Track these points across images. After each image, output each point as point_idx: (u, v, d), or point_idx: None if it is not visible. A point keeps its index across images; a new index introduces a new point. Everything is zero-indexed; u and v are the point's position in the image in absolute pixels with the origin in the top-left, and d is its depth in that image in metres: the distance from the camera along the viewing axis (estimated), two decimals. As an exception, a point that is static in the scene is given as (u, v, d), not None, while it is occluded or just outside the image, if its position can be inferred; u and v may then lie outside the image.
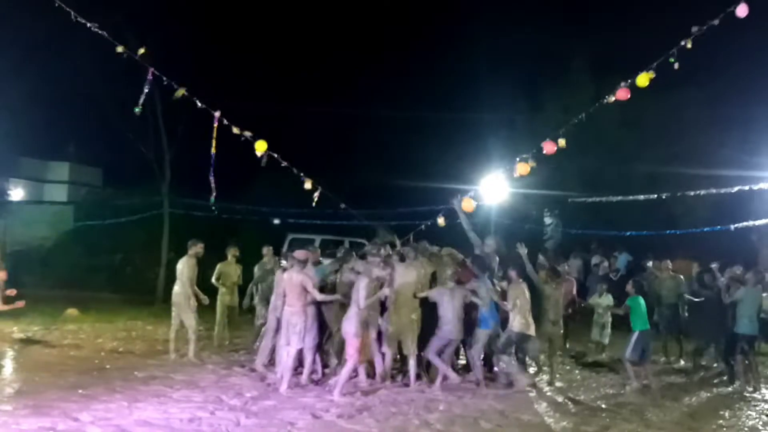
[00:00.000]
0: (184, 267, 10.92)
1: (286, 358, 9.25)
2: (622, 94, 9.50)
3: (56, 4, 8.82)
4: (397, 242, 11.08)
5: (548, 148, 10.18)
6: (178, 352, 10.99)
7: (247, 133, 10.41)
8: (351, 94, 31.60)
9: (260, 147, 10.37)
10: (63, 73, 20.33)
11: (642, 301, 10.70)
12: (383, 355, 9.73)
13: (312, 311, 9.33)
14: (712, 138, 21.54)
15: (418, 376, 9.66)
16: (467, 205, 11.02)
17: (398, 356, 10.03)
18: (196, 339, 10.97)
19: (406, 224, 18.89)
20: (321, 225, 21.27)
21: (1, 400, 8.33)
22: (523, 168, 10.51)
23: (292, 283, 9.16)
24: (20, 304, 10.31)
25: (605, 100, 9.78)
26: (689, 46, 8.91)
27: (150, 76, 9.94)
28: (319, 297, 9.24)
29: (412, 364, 9.55)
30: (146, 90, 10.02)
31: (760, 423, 8.66)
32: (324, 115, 28.41)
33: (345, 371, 9.01)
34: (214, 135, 10.42)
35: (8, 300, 10.48)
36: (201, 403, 8.30)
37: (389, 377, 9.73)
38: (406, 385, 9.52)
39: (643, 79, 9.13)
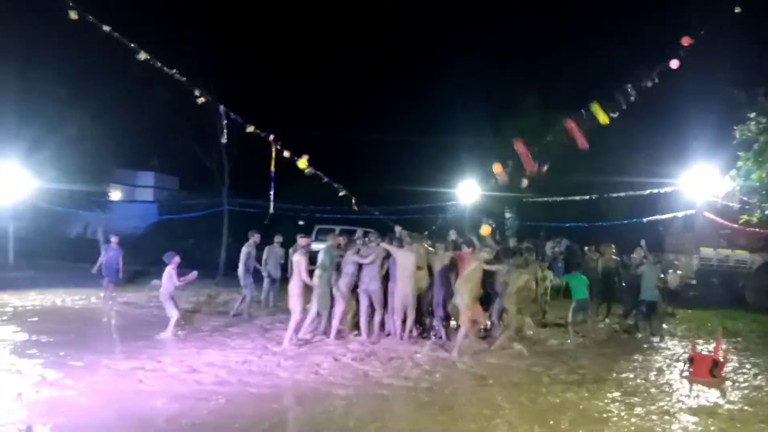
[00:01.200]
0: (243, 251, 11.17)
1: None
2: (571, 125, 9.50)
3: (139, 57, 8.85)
4: (397, 230, 10.69)
5: (528, 166, 10.03)
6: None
7: (299, 159, 10.18)
8: (364, 123, 31.71)
9: (302, 164, 10.18)
10: (149, 106, 20.31)
11: (581, 277, 10.59)
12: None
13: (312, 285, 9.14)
14: (630, 155, 21.53)
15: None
16: (485, 230, 10.59)
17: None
18: (249, 302, 11.01)
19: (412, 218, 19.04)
20: (341, 218, 21.32)
21: (104, 347, 8.37)
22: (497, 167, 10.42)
23: (294, 262, 9.05)
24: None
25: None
26: (632, 96, 8.95)
27: (222, 111, 9.91)
28: (305, 278, 8.80)
29: (408, 323, 9.40)
30: (225, 123, 9.98)
31: (665, 365, 8.64)
32: (345, 138, 28.47)
33: (460, 335, 8.66)
34: (273, 157, 10.30)
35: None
36: (251, 350, 8.32)
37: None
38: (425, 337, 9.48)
39: (603, 117, 9.13)
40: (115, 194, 29.72)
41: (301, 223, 22.46)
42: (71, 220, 23.36)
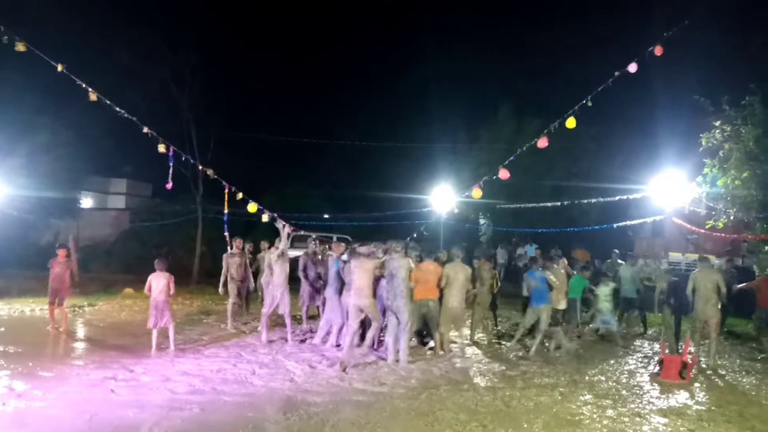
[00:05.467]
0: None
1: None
2: (543, 142, 9.45)
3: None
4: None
5: (503, 174, 9.84)
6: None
7: (250, 203, 9.94)
8: (338, 128, 31.66)
9: (252, 208, 9.80)
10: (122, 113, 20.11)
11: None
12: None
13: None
14: (601, 162, 21.91)
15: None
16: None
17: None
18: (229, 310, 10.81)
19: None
20: (313, 226, 21.32)
21: (75, 357, 8.21)
22: (476, 193, 10.25)
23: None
24: None
25: (534, 142, 9.73)
26: (590, 104, 9.08)
27: (171, 153, 9.89)
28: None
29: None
30: (171, 165, 9.93)
31: (636, 367, 8.74)
32: (320, 144, 28.39)
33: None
34: (226, 198, 10.21)
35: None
36: (226, 358, 8.22)
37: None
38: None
39: (570, 122, 9.15)
40: (87, 201, 29.17)
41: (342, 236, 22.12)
42: (41, 228, 22.85)
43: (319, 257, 10.51)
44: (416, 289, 8.54)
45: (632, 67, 8.77)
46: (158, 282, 8.55)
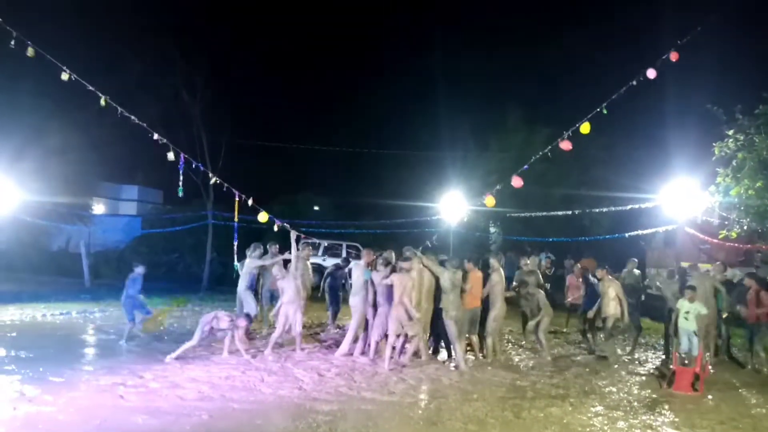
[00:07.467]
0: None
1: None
2: (566, 145, 9.30)
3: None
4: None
5: (516, 182, 9.65)
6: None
7: (260, 212, 9.85)
8: (347, 135, 31.74)
9: (263, 218, 9.71)
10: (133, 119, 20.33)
11: None
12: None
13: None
14: (612, 171, 21.77)
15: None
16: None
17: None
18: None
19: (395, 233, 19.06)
20: (322, 233, 21.36)
21: (85, 362, 8.25)
22: (490, 200, 10.10)
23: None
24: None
25: (556, 144, 9.62)
26: (605, 111, 9.06)
27: (182, 160, 9.91)
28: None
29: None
30: (181, 171, 9.96)
31: (647, 379, 8.66)
32: (328, 151, 28.46)
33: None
34: (236, 208, 10.26)
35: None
36: (235, 365, 8.22)
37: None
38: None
39: (585, 128, 9.13)
40: (99, 208, 29.41)
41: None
42: (53, 233, 23.08)
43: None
44: (467, 297, 8.90)
45: (651, 73, 8.78)
46: None
